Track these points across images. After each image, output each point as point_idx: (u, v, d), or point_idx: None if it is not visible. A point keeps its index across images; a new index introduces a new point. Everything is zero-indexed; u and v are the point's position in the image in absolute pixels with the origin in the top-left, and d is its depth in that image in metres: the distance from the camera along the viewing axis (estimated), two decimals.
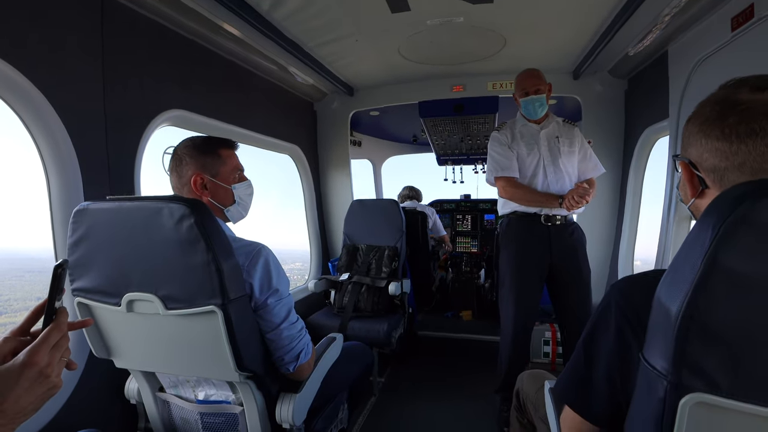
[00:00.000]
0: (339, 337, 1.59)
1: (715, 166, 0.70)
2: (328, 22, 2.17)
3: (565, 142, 2.23)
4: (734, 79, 0.71)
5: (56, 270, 0.68)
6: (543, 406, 1.20)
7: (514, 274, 2.25)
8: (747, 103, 0.65)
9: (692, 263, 0.55)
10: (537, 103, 2.19)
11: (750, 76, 0.69)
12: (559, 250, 2.21)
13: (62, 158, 1.45)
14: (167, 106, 1.93)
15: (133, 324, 1.16)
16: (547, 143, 2.24)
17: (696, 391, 0.55)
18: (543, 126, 2.27)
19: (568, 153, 2.23)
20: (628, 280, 0.79)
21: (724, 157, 0.68)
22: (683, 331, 0.55)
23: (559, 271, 2.23)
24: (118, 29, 1.67)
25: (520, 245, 2.26)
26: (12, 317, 2.69)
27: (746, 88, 0.67)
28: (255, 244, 1.21)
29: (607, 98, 2.93)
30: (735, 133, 0.66)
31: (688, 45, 2.10)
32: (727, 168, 0.68)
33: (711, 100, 0.72)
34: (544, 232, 2.22)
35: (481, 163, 4.66)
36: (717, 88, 0.73)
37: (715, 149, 0.69)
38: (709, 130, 0.70)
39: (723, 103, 0.69)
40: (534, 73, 2.22)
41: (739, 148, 0.65)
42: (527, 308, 2.24)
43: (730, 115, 0.67)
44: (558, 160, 2.21)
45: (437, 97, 3.27)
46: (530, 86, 2.19)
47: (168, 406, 1.36)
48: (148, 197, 1.10)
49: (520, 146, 2.28)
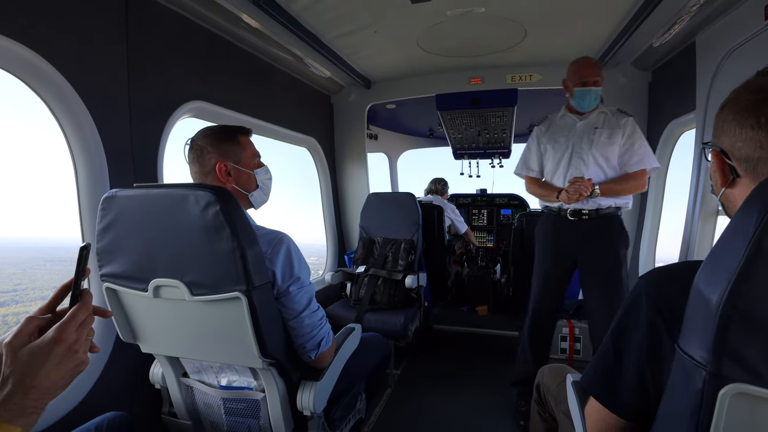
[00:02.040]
0: (358, 328, 1.60)
1: (748, 155, 0.68)
2: (347, 13, 2.16)
3: (603, 132, 2.12)
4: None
5: (81, 252, 0.70)
6: (565, 399, 1.19)
7: (536, 267, 2.35)
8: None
9: (735, 251, 0.53)
10: (593, 95, 2.11)
11: None
12: (585, 245, 2.16)
13: (89, 147, 1.49)
14: (189, 97, 1.95)
15: (159, 309, 1.19)
16: (581, 134, 2.16)
17: (737, 381, 0.53)
18: (584, 117, 2.18)
19: (605, 144, 2.11)
20: (657, 271, 0.78)
21: (759, 147, 0.66)
22: (725, 320, 0.53)
23: (584, 266, 2.19)
24: (142, 21, 1.69)
25: (544, 239, 2.31)
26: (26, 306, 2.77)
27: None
28: (277, 232, 1.22)
29: (630, 91, 2.86)
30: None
31: (717, 35, 2.03)
32: (761, 158, 0.67)
33: (747, 88, 0.70)
34: (569, 227, 2.19)
35: (498, 158, 4.61)
36: (754, 75, 0.71)
37: (750, 139, 0.67)
38: (744, 120, 0.68)
39: (760, 92, 0.67)
40: (595, 62, 2.13)
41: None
42: (544, 301, 2.29)
43: (767, 105, 0.65)
44: (588, 151, 2.13)
45: (455, 89, 3.24)
46: (590, 76, 2.08)
47: (191, 392, 1.39)
48: (174, 184, 1.11)
49: (550, 139, 2.26)
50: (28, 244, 6.83)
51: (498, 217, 5.16)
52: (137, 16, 1.66)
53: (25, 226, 61.96)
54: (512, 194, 5.19)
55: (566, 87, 2.20)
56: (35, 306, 0.72)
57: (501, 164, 4.65)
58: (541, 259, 2.33)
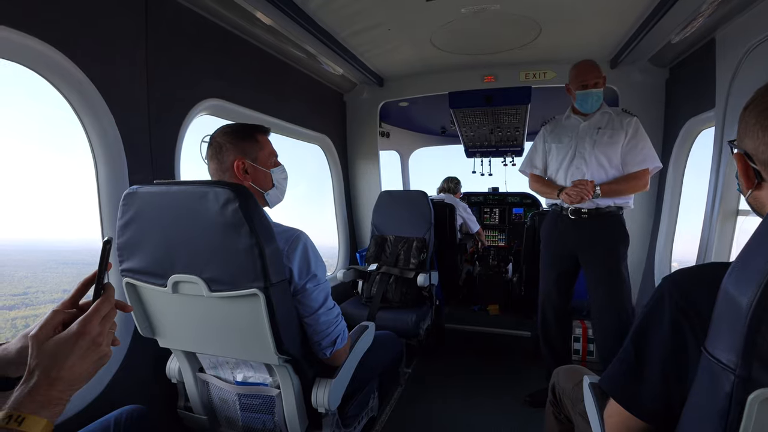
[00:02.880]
0: (371, 326, 1.60)
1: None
2: (362, 10, 2.16)
3: (606, 132, 2.15)
4: None
5: (105, 246, 0.71)
6: (581, 401, 1.18)
7: (541, 264, 2.42)
8: None
9: (765, 254, 0.52)
10: (595, 97, 2.14)
11: None
12: (585, 244, 2.19)
13: (109, 144, 1.51)
14: (206, 95, 1.97)
15: (177, 305, 1.20)
16: (584, 135, 2.18)
17: (767, 386, 0.52)
18: (588, 117, 2.21)
19: (607, 144, 2.14)
20: (682, 273, 0.76)
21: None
22: (755, 323, 0.52)
23: (586, 264, 2.23)
24: (161, 20, 1.71)
25: (547, 237, 2.37)
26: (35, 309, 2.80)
27: None
28: (293, 230, 1.23)
29: (647, 88, 2.81)
30: None
31: (737, 31, 1.98)
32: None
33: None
34: (569, 226, 2.22)
35: (510, 156, 4.58)
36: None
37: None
38: (767, 123, 0.66)
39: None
40: (594, 65, 2.16)
41: None
42: (549, 298, 2.37)
43: None
44: (591, 151, 2.15)
45: (468, 87, 3.22)
46: (590, 79, 2.13)
47: (207, 387, 1.40)
48: (194, 181, 1.12)
49: (554, 139, 2.30)
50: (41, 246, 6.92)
51: (510, 216, 5.13)
52: (156, 15, 1.68)
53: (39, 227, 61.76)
54: (524, 193, 5.16)
55: (568, 90, 2.25)
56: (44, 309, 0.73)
57: (513, 162, 4.62)
58: (544, 256, 2.40)
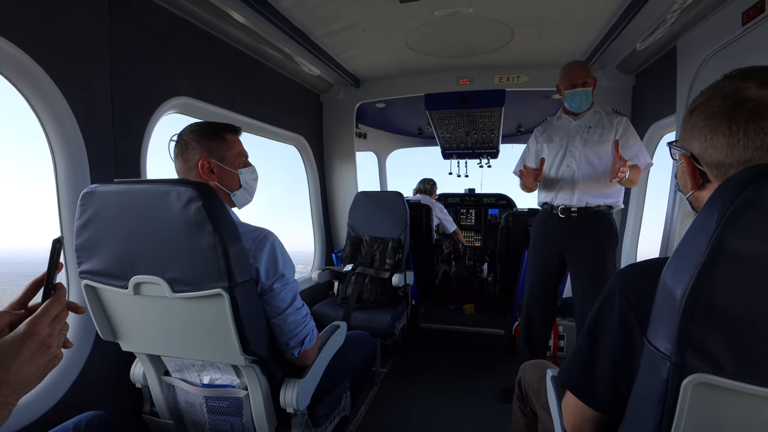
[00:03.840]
0: (343, 325, 1.60)
1: (719, 161, 0.70)
2: (336, 10, 2.16)
3: (596, 132, 2.18)
4: (738, 71, 0.70)
5: (54, 245, 0.69)
6: (545, 394, 1.21)
7: (529, 262, 2.46)
8: (756, 100, 0.65)
9: (698, 246, 0.55)
10: (583, 96, 2.17)
11: (755, 69, 0.68)
12: (573, 242, 2.22)
13: (70, 143, 1.46)
14: (174, 93, 1.93)
15: (139, 307, 1.17)
16: (575, 134, 2.22)
17: (699, 372, 0.55)
18: (579, 117, 2.25)
19: (597, 142, 2.16)
20: (631, 267, 0.80)
21: (731, 153, 0.67)
22: (688, 313, 0.55)
23: (571, 262, 2.26)
24: (126, 15, 1.67)
25: (536, 236, 2.41)
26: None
27: (754, 83, 0.66)
28: (261, 229, 1.22)
29: (615, 93, 2.91)
30: (743, 131, 0.65)
31: (697, 40, 2.08)
32: (731, 164, 0.68)
33: (718, 94, 0.70)
34: (558, 224, 2.26)
35: (486, 158, 4.64)
36: (721, 79, 0.72)
37: (721, 145, 0.68)
38: (716, 126, 0.69)
39: (732, 99, 0.67)
40: (582, 64, 2.20)
41: (746, 145, 0.65)
42: (536, 298, 2.40)
43: (739, 112, 0.66)
44: (581, 150, 2.19)
45: (444, 89, 3.25)
46: (579, 78, 2.16)
47: (173, 390, 1.37)
48: (155, 180, 1.10)
49: (546, 139, 2.34)
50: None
51: (486, 217, 5.21)
52: (121, 10, 1.64)
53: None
54: (500, 194, 5.24)
55: (559, 91, 2.28)
56: None
57: (489, 164, 4.69)
58: (532, 254, 2.43)
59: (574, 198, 2.19)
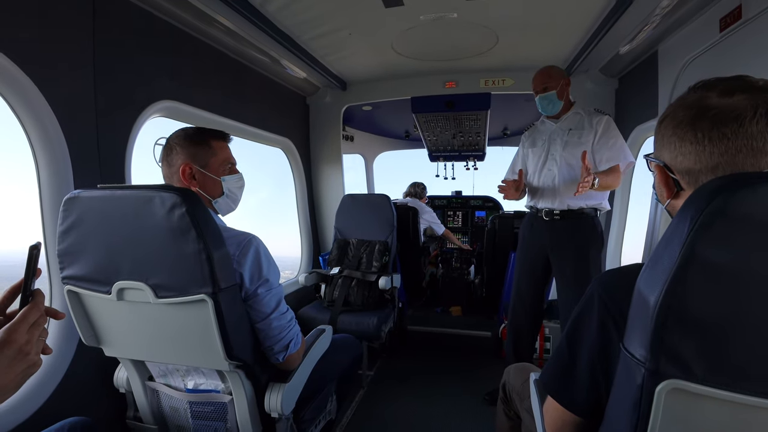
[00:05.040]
0: (328, 329, 1.60)
1: (689, 168, 0.72)
2: (322, 14, 2.17)
3: (575, 133, 2.20)
4: (702, 82, 0.73)
5: (31, 251, 0.69)
6: (528, 397, 1.23)
7: (516, 266, 2.48)
8: (718, 108, 0.68)
9: (671, 254, 0.57)
10: (545, 101, 2.22)
11: (717, 79, 0.72)
12: (556, 245, 2.25)
13: (52, 147, 1.45)
14: (159, 96, 1.92)
15: (123, 312, 1.17)
16: (555, 137, 2.25)
17: (672, 378, 0.57)
18: (560, 120, 2.28)
19: (576, 144, 2.19)
20: (610, 273, 0.81)
21: (698, 160, 0.70)
22: (661, 320, 0.57)
23: (555, 264, 2.28)
24: (110, 18, 1.65)
25: (522, 239, 2.44)
26: None
27: (715, 93, 0.69)
28: (245, 234, 1.22)
29: (598, 97, 2.96)
30: (707, 138, 0.68)
31: (677, 45, 2.13)
32: (700, 170, 0.71)
33: (683, 104, 0.73)
34: (543, 227, 2.29)
35: (473, 160, 4.69)
36: (687, 91, 0.75)
37: (689, 152, 0.71)
38: (683, 134, 0.72)
39: (695, 108, 0.71)
40: (543, 71, 2.23)
41: (712, 151, 0.68)
42: (523, 301, 2.42)
43: (702, 120, 0.69)
44: (561, 152, 2.21)
45: (430, 92, 3.28)
46: (538, 85, 2.22)
47: (157, 395, 1.37)
48: (139, 186, 1.10)
49: (531, 144, 2.38)
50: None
51: (473, 219, 5.25)
52: (105, 12, 1.63)
53: None
54: (486, 196, 5.29)
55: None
56: None
57: (476, 167, 4.73)
58: (519, 256, 2.47)
59: (556, 201, 2.22)
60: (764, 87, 0.67)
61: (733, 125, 0.66)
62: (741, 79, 0.70)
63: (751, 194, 0.53)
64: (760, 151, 0.66)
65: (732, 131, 0.66)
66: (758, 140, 0.65)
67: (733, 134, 0.66)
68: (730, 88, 0.68)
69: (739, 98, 0.67)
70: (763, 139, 0.65)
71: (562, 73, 2.23)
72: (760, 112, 0.65)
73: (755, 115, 0.65)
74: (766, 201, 0.53)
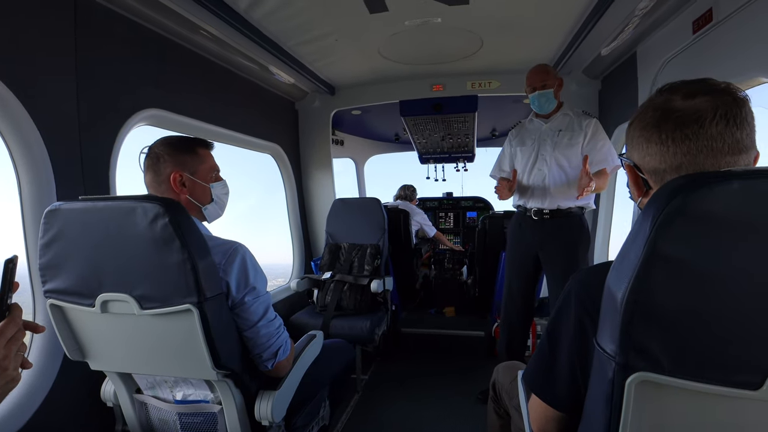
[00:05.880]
0: (319, 335, 1.60)
1: (655, 168, 0.75)
2: (307, 21, 2.17)
3: (566, 135, 2.23)
4: (668, 85, 0.76)
5: (7, 265, 0.69)
6: (517, 395, 1.24)
7: (506, 266, 2.50)
8: (681, 110, 0.71)
9: (635, 252, 0.59)
10: (543, 99, 2.23)
11: (682, 83, 0.74)
12: (546, 243, 2.27)
13: (34, 158, 1.43)
14: (144, 105, 1.90)
15: (107, 325, 1.15)
16: (545, 137, 2.27)
17: (640, 371, 0.59)
18: (549, 120, 2.30)
19: (567, 146, 2.22)
20: (587, 271, 0.83)
21: (663, 160, 0.73)
22: (628, 316, 0.58)
23: (545, 263, 2.31)
24: (92, 27, 1.64)
25: (511, 238, 2.45)
26: None
27: (679, 95, 0.72)
28: (231, 242, 1.22)
29: (582, 97, 2.99)
30: (671, 138, 0.71)
31: (654, 46, 2.17)
32: (665, 170, 0.74)
33: (650, 106, 0.76)
34: (532, 226, 2.31)
35: (462, 161, 4.71)
36: (654, 93, 0.78)
37: (655, 153, 0.74)
38: (649, 135, 0.75)
39: (660, 110, 0.74)
40: (541, 68, 2.25)
41: (676, 151, 0.71)
42: (513, 299, 2.44)
43: (666, 122, 0.72)
44: (551, 153, 2.24)
45: (418, 96, 3.29)
46: (537, 82, 2.22)
47: (146, 408, 1.35)
48: (121, 197, 1.09)
49: (519, 142, 2.39)
50: None
51: (464, 220, 5.27)
52: (87, 22, 1.62)
53: None
54: (477, 197, 5.32)
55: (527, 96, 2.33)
56: None
57: (465, 168, 4.75)
58: (508, 255, 2.49)
59: (546, 201, 2.24)
60: (725, 89, 0.70)
61: (694, 126, 0.69)
62: (704, 82, 0.72)
63: (708, 193, 0.55)
64: (719, 151, 0.69)
65: (693, 132, 0.69)
66: (717, 141, 0.68)
67: (694, 135, 0.69)
68: (692, 91, 0.71)
69: (700, 100, 0.70)
70: (722, 140, 0.68)
71: (555, 72, 2.27)
72: (719, 113, 0.68)
73: (715, 116, 0.68)
74: (722, 199, 0.55)
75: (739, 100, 0.69)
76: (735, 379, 0.56)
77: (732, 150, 0.69)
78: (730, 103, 0.69)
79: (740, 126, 0.68)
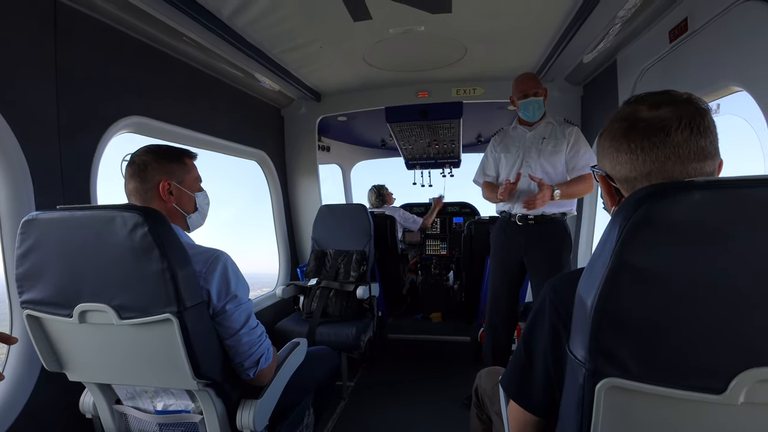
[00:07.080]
0: (303, 342, 1.59)
1: (626, 176, 0.78)
2: (292, 29, 2.18)
3: (550, 142, 2.27)
4: (635, 96, 0.79)
5: None
6: (498, 401, 1.25)
7: (490, 270, 2.52)
8: (647, 120, 0.74)
9: (603, 260, 0.60)
10: (535, 105, 2.27)
11: (648, 94, 0.77)
12: (530, 248, 2.30)
13: (11, 166, 1.41)
14: (126, 112, 1.89)
15: (86, 335, 1.14)
16: (530, 145, 2.31)
17: (610, 376, 0.60)
18: (533, 128, 2.34)
19: (551, 153, 2.27)
20: (561, 278, 0.85)
21: (633, 169, 0.76)
22: (597, 322, 0.60)
23: (530, 267, 2.34)
24: (72, 33, 1.63)
25: (496, 243, 2.48)
26: None
27: (645, 105, 0.75)
28: (213, 250, 1.21)
29: (565, 104, 3.05)
30: (640, 147, 0.74)
31: (634, 54, 2.23)
32: (636, 178, 0.76)
33: (619, 117, 0.79)
34: (516, 231, 2.34)
35: (448, 167, 4.74)
36: (622, 105, 0.81)
37: (625, 161, 0.77)
38: (619, 145, 0.78)
39: (628, 120, 0.77)
40: (532, 76, 2.31)
41: (645, 159, 0.74)
42: (498, 303, 2.46)
43: (634, 131, 0.75)
44: (537, 160, 2.28)
45: (403, 102, 3.32)
46: (530, 89, 2.26)
47: (126, 419, 1.33)
48: (100, 206, 1.09)
49: (503, 149, 2.42)
50: None
51: (451, 225, 5.30)
52: (67, 27, 1.60)
53: None
54: (463, 203, 5.36)
55: (513, 102, 2.37)
56: None
57: (452, 174, 4.79)
58: (493, 261, 2.51)
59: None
60: (687, 100, 0.74)
61: (660, 135, 0.72)
62: (667, 93, 0.75)
63: (672, 203, 0.57)
64: (686, 157, 0.71)
65: (660, 140, 0.72)
66: (683, 148, 0.71)
67: (661, 143, 0.72)
68: (657, 102, 0.74)
69: (665, 110, 0.73)
70: (687, 147, 0.71)
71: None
72: (684, 122, 0.71)
73: (680, 125, 0.71)
74: (685, 209, 0.57)
75: (701, 110, 0.73)
76: (700, 384, 0.57)
77: (697, 157, 0.72)
78: (693, 113, 0.72)
79: (704, 134, 0.71)
